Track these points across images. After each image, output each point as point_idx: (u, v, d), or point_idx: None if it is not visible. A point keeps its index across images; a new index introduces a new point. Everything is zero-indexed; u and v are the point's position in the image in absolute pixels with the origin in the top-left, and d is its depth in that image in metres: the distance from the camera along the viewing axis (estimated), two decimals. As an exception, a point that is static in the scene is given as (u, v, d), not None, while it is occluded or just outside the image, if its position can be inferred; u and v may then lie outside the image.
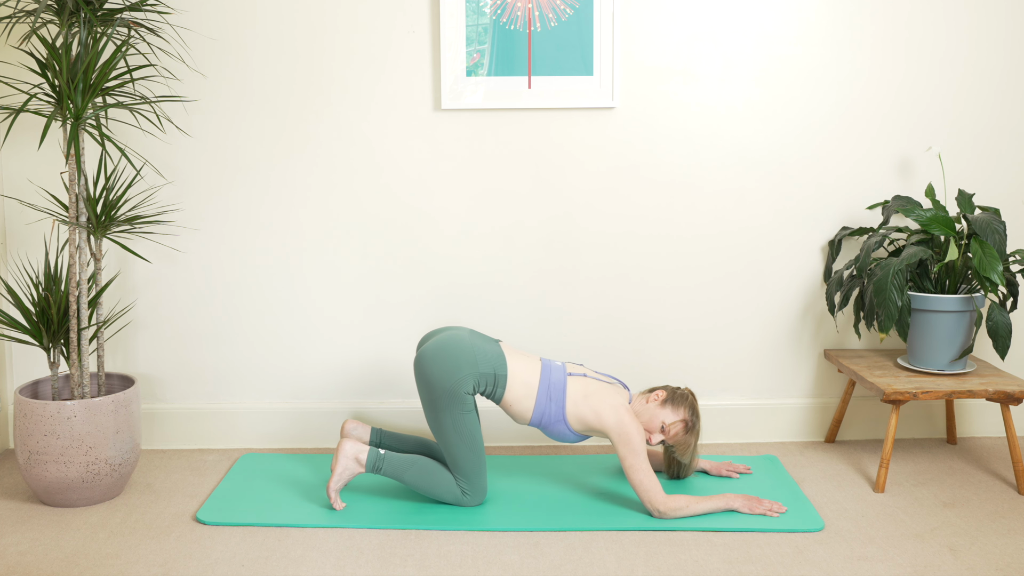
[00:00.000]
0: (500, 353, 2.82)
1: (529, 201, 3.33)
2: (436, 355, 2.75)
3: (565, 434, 2.84)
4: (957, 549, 2.60)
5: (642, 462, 2.74)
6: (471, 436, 2.76)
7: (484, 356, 2.78)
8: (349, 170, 3.29)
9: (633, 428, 2.76)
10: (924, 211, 3.12)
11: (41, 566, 2.49)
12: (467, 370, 2.74)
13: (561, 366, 2.89)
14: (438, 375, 2.73)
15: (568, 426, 2.82)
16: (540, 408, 2.81)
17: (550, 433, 2.86)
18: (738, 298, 3.41)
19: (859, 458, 3.28)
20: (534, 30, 3.22)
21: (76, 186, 2.84)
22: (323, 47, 3.23)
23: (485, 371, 2.76)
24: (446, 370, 2.73)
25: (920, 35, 3.30)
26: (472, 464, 2.79)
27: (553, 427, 2.83)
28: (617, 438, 2.76)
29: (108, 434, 2.84)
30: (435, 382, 2.73)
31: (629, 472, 2.74)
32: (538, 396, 2.81)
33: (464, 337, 2.81)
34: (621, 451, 2.75)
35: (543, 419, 2.82)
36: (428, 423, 2.80)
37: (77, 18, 2.78)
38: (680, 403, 2.87)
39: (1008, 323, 2.97)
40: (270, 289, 3.35)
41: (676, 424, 2.85)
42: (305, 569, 2.48)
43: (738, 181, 3.34)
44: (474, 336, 2.85)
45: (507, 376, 2.79)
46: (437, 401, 2.74)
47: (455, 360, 2.74)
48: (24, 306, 2.93)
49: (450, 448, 2.77)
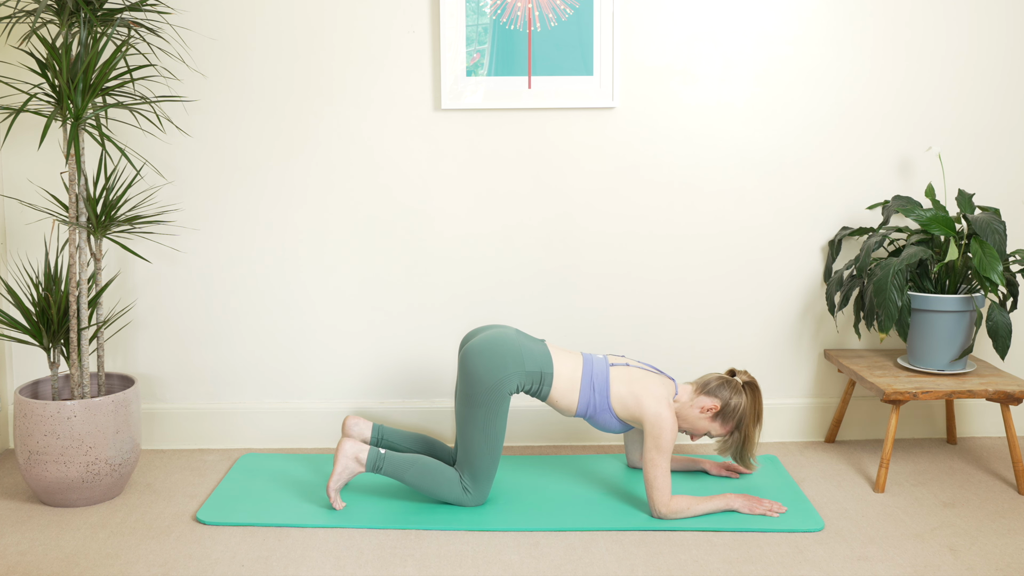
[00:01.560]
0: (546, 352, 2.83)
1: (529, 201, 3.33)
2: (484, 351, 2.75)
3: (611, 422, 2.85)
4: (957, 549, 2.60)
5: (663, 460, 2.74)
6: (495, 438, 2.77)
7: (531, 355, 2.79)
8: (349, 170, 3.29)
9: (668, 425, 2.75)
10: (924, 211, 3.12)
11: (41, 566, 2.49)
12: (513, 368, 2.74)
13: (603, 358, 2.90)
14: (484, 371, 2.73)
15: (614, 414, 2.83)
16: (585, 399, 2.82)
17: (596, 423, 2.86)
18: (738, 298, 3.41)
19: (859, 458, 3.28)
20: (534, 30, 3.22)
21: (76, 186, 2.84)
22: (323, 47, 3.23)
23: (532, 370, 2.77)
24: (492, 367, 2.73)
25: (920, 35, 3.30)
26: (485, 466, 2.79)
27: (599, 416, 2.84)
28: (650, 428, 2.75)
29: (108, 434, 2.84)
30: (480, 378, 2.73)
31: (647, 465, 2.74)
32: (582, 388, 2.81)
33: (511, 336, 2.82)
34: (648, 442, 2.75)
35: (588, 409, 2.83)
36: (456, 416, 2.80)
37: (77, 18, 2.78)
38: (729, 419, 2.86)
39: (1008, 323, 2.97)
40: (270, 289, 3.35)
41: (723, 435, 2.89)
42: (305, 569, 2.48)
43: (738, 181, 3.34)
44: (520, 335, 2.86)
45: (553, 374, 2.80)
46: (476, 396, 2.74)
47: (502, 358, 2.75)
48: (24, 306, 2.93)
49: (470, 445, 2.77)
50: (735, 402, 2.84)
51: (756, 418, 2.87)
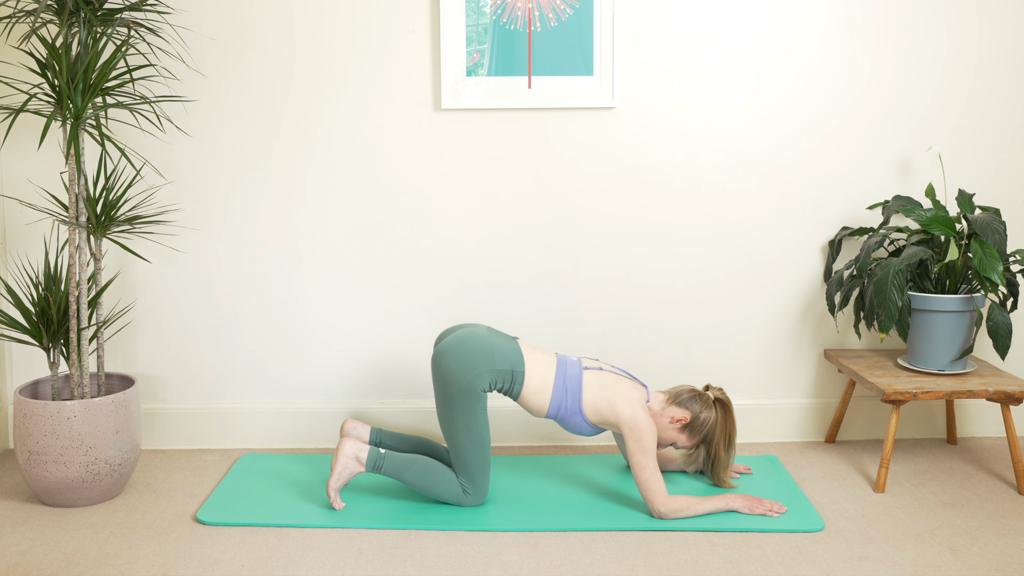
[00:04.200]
0: (518, 350, 2.83)
1: (529, 201, 3.33)
2: (454, 351, 2.75)
3: (581, 426, 2.84)
4: (957, 549, 2.60)
5: (650, 460, 2.74)
6: (480, 436, 2.77)
7: (502, 353, 2.78)
8: (349, 170, 3.29)
9: (646, 426, 2.75)
10: (924, 211, 3.12)
11: (41, 566, 2.49)
12: (484, 367, 2.74)
13: (577, 360, 2.90)
14: (455, 371, 2.73)
15: (584, 418, 2.83)
16: (557, 401, 2.82)
17: (567, 425, 2.86)
18: (738, 298, 3.41)
19: (859, 458, 3.28)
20: (534, 30, 3.22)
21: (76, 186, 2.84)
22: (323, 47, 3.23)
23: (503, 368, 2.77)
24: (464, 367, 2.73)
25: (921, 35, 3.30)
26: (477, 464, 2.79)
27: (570, 419, 2.84)
28: (629, 432, 2.76)
29: (108, 434, 2.84)
30: (452, 378, 2.73)
31: (635, 469, 2.74)
32: (554, 389, 2.81)
33: (482, 334, 2.82)
34: (631, 447, 2.75)
35: (560, 411, 2.83)
36: (439, 419, 2.81)
37: (77, 18, 2.78)
38: (696, 432, 2.87)
39: (1008, 323, 2.97)
40: (270, 289, 3.35)
41: (688, 448, 2.91)
42: (305, 569, 2.48)
43: (738, 182, 3.34)
44: (492, 333, 2.86)
45: (524, 372, 2.80)
46: (452, 397, 2.74)
47: (473, 357, 2.74)
48: (24, 306, 2.93)
49: (458, 446, 2.78)
50: (704, 416, 2.86)
51: (726, 438, 2.89)
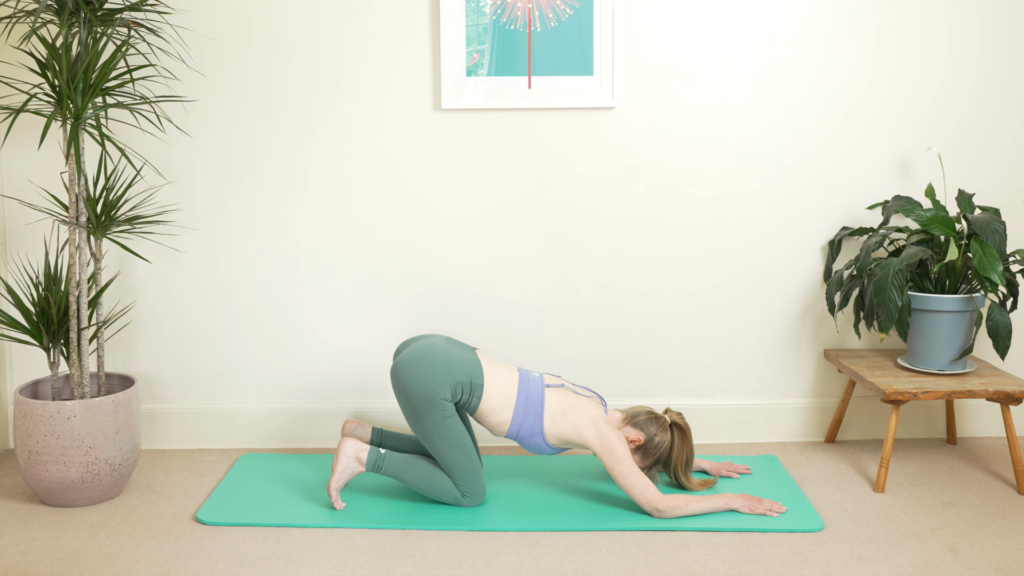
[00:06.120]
0: (476, 361, 2.80)
1: (530, 201, 3.33)
2: (412, 364, 2.74)
3: (542, 447, 2.83)
4: (957, 549, 2.60)
5: (629, 467, 2.74)
6: (457, 440, 2.76)
7: (460, 363, 2.76)
8: (349, 169, 3.29)
9: (614, 437, 2.76)
10: (924, 211, 3.12)
11: (41, 566, 2.49)
12: (443, 378, 2.72)
13: (539, 377, 2.88)
14: (414, 384, 2.72)
15: (545, 440, 2.81)
16: (518, 420, 2.80)
17: (527, 446, 2.84)
18: (738, 297, 3.41)
19: (859, 458, 3.28)
20: (534, 30, 3.22)
21: (76, 186, 2.84)
22: (323, 47, 3.23)
23: (461, 379, 2.75)
24: (422, 379, 2.71)
25: (921, 35, 3.30)
26: (465, 467, 2.78)
27: (530, 440, 2.82)
28: (600, 449, 2.76)
29: (108, 434, 2.84)
30: (412, 391, 2.72)
31: (619, 479, 2.74)
32: (516, 407, 2.79)
33: (439, 345, 2.80)
34: (607, 461, 2.75)
35: (520, 431, 2.81)
36: (414, 432, 2.80)
37: (77, 18, 2.78)
38: (650, 454, 2.87)
39: (1008, 323, 2.97)
40: (270, 289, 3.35)
41: (642, 468, 2.90)
42: (305, 569, 2.48)
43: (739, 182, 3.34)
44: (450, 343, 2.83)
45: (483, 385, 2.77)
46: (417, 409, 2.73)
47: (431, 368, 2.73)
48: (24, 306, 2.93)
49: (440, 454, 2.77)
50: (659, 439, 2.86)
51: (685, 461, 2.89)
